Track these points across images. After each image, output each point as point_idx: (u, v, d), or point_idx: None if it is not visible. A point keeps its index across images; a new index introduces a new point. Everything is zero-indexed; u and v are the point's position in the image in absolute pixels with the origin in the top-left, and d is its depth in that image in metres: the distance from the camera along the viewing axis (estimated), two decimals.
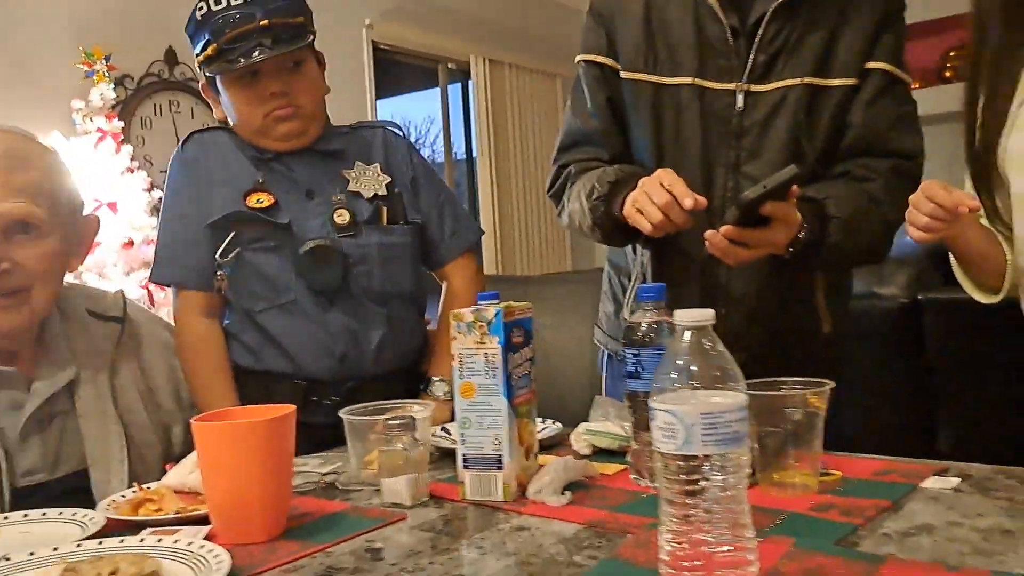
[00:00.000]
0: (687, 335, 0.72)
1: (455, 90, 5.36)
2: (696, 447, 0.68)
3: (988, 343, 2.15)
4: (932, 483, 0.98)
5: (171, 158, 1.54)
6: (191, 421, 0.92)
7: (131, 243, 3.24)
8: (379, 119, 1.66)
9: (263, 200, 1.44)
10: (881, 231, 1.34)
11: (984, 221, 1.23)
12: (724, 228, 1.17)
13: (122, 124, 3.38)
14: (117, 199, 3.25)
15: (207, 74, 1.45)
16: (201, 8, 1.43)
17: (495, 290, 2.43)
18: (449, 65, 5.17)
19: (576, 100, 1.45)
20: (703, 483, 0.68)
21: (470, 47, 5.07)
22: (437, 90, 5.21)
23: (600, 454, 1.18)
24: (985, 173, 1.17)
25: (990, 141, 1.17)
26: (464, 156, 5.47)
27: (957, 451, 2.27)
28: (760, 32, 1.28)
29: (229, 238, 1.43)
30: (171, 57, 3.81)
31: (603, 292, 1.65)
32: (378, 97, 4.71)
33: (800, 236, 1.22)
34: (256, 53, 1.37)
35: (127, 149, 3.33)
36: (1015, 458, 1.15)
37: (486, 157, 5.14)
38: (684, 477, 0.68)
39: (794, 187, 1.18)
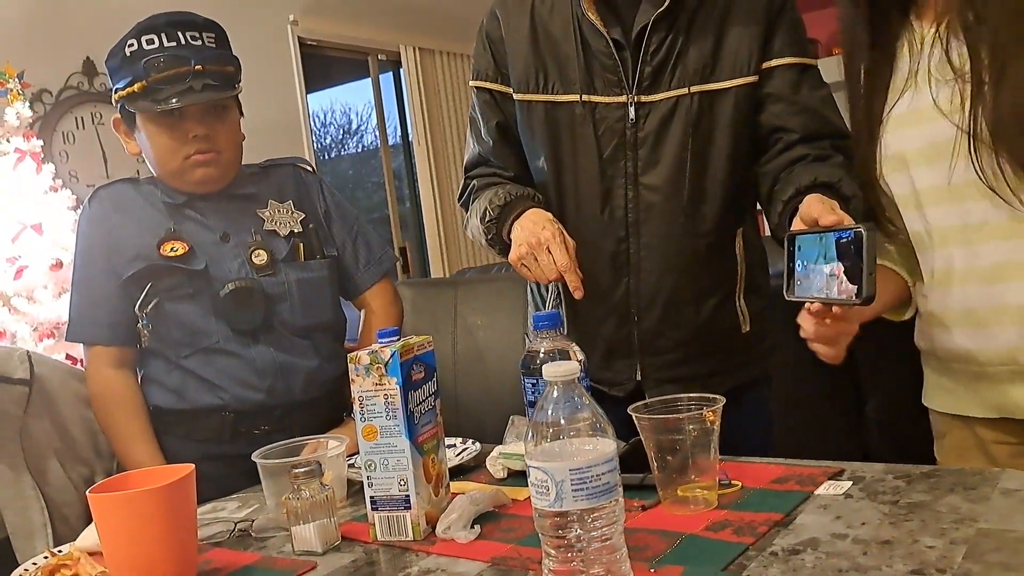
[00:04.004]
0: (556, 389, 0.73)
1: (387, 79, 5.31)
2: (568, 503, 0.69)
3: None
4: (825, 489, 1.01)
5: (78, 216, 1.54)
6: (87, 493, 0.92)
7: (60, 264, 3.17)
8: (289, 157, 1.66)
9: (177, 248, 1.44)
10: None
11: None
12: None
13: (41, 143, 3.30)
14: (42, 220, 3.18)
15: (129, 109, 1.44)
16: (131, 45, 1.42)
17: (423, 294, 2.45)
18: (380, 57, 5.11)
19: (473, 122, 1.47)
20: (578, 536, 0.70)
21: (399, 37, 5.02)
22: (369, 80, 5.15)
23: (516, 476, 1.20)
24: (868, 177, 1.20)
25: (864, 146, 1.19)
26: (400, 141, 5.44)
27: (884, 416, 2.34)
28: (644, 44, 1.29)
29: (146, 290, 1.43)
30: (90, 68, 3.71)
31: (528, 301, 1.67)
32: (309, 91, 4.65)
33: None
34: (182, 97, 1.38)
35: (48, 168, 3.25)
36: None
37: (423, 144, 5.11)
38: (560, 532, 0.70)
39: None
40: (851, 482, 1.02)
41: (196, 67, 1.39)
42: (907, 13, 1.14)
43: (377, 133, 5.27)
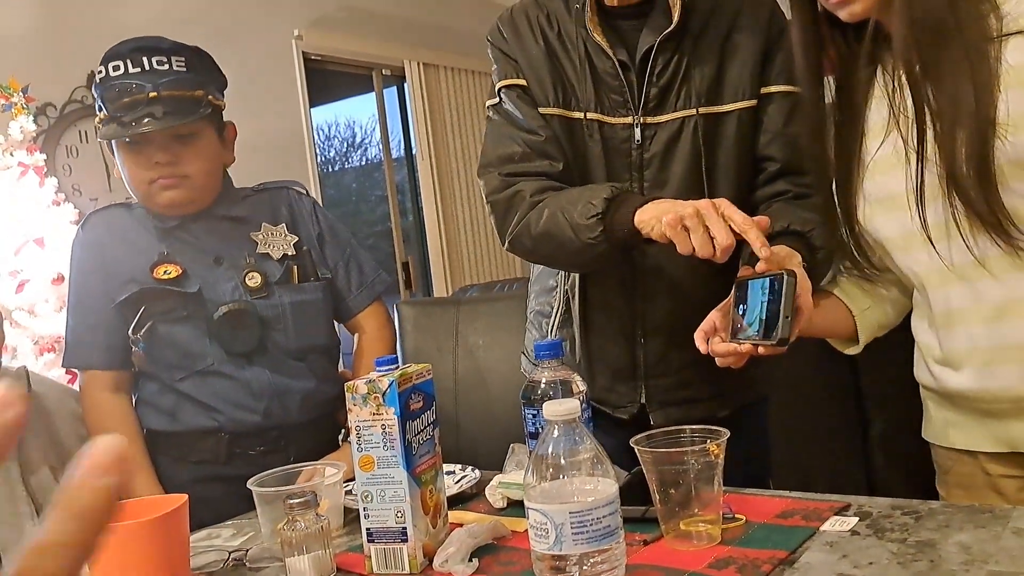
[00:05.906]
0: (556, 428, 0.71)
1: (391, 93, 5.31)
2: (567, 546, 0.67)
3: (907, 334, 2.18)
4: (831, 525, 0.99)
5: (72, 240, 1.54)
6: None
7: (61, 278, 3.16)
8: (283, 180, 1.65)
9: (170, 271, 1.44)
10: None
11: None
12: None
13: (44, 156, 3.30)
14: (44, 234, 3.17)
15: (98, 138, 1.45)
16: (100, 72, 1.44)
17: (424, 313, 2.43)
18: (384, 71, 5.11)
19: (505, 122, 1.35)
20: None
21: (403, 52, 5.02)
22: (373, 95, 5.15)
23: (515, 506, 1.18)
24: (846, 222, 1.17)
25: (847, 202, 1.17)
26: (403, 155, 5.44)
27: (890, 441, 2.31)
28: (649, 65, 1.28)
29: (140, 313, 1.42)
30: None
31: (528, 321, 1.65)
32: (313, 105, 4.65)
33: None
34: (144, 122, 1.37)
35: (51, 181, 3.24)
36: None
37: (426, 159, 5.11)
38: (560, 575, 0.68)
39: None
40: (857, 518, 1.00)
41: (151, 94, 1.37)
42: (873, 60, 1.11)
43: (380, 146, 5.27)
